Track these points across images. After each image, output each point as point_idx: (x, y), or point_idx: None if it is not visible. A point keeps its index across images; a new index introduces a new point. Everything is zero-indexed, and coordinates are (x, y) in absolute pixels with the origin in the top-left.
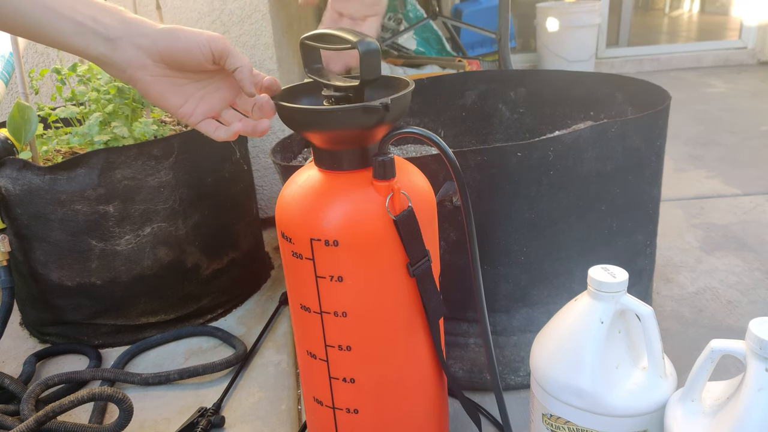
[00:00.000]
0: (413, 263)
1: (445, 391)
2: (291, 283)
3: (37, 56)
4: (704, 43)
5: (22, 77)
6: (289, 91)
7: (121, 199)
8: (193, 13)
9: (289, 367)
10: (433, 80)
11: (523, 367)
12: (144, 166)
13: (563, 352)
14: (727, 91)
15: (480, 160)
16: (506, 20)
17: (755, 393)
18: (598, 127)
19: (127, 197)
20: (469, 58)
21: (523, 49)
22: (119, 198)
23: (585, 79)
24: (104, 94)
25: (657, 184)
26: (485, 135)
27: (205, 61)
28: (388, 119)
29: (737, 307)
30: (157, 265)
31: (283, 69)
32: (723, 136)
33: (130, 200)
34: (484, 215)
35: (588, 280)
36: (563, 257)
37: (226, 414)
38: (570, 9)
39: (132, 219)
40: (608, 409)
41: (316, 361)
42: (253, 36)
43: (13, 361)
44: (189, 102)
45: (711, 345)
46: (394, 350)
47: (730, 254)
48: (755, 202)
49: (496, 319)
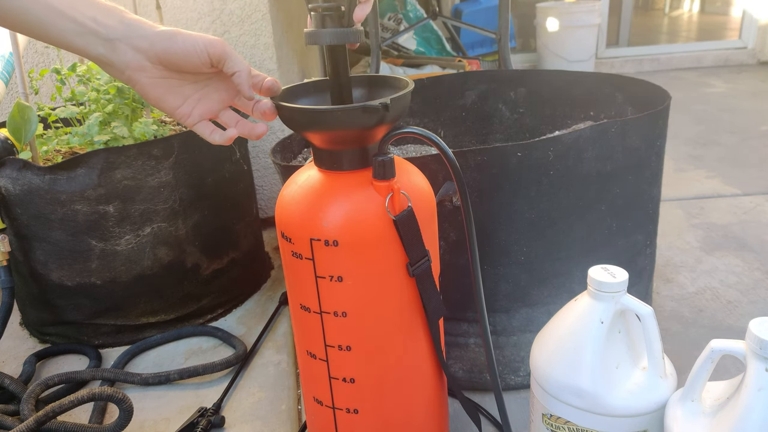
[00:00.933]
0: (413, 263)
1: (445, 391)
2: (291, 283)
3: (37, 56)
4: (704, 43)
5: (22, 77)
6: (289, 91)
7: (121, 199)
8: (193, 13)
9: (289, 367)
10: (433, 80)
11: (523, 367)
12: (144, 166)
13: (563, 352)
14: (727, 91)
15: (480, 160)
16: (506, 20)
17: (755, 393)
18: (598, 127)
19: (127, 197)
20: (469, 58)
21: (523, 49)
22: (119, 198)
23: (585, 79)
24: (104, 94)
25: (657, 184)
26: (485, 135)
27: (202, 65)
28: (388, 119)
29: (737, 307)
30: (157, 265)
31: (283, 69)
32: (723, 136)
33: (130, 200)
34: (484, 215)
35: (588, 280)
36: (563, 257)
37: (226, 414)
38: (570, 9)
39: (132, 219)
40: (608, 409)
41: (316, 361)
42: (253, 36)
43: (13, 361)
44: (186, 103)
45: (711, 345)
46: (394, 350)
47: (730, 254)
48: (755, 202)
49: (496, 319)
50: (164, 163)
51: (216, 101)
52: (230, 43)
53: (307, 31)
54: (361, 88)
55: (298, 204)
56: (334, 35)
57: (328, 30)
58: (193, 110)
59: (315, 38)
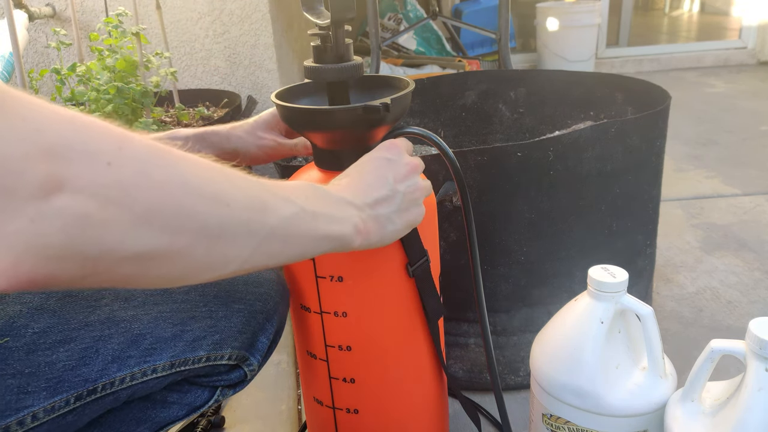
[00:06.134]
0: (412, 263)
1: (445, 391)
2: (291, 283)
3: (37, 56)
4: (704, 43)
5: (22, 77)
6: (289, 91)
7: None
8: (193, 12)
9: (289, 367)
10: (433, 80)
11: (523, 367)
12: None
13: (563, 352)
14: (727, 91)
15: (480, 160)
16: (506, 20)
17: (755, 393)
18: (598, 127)
19: None
20: (469, 58)
21: (523, 49)
22: None
23: (585, 79)
24: (104, 94)
25: (657, 184)
26: (485, 135)
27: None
28: (388, 119)
29: (737, 307)
30: None
31: (283, 69)
32: (723, 136)
33: None
34: (484, 215)
35: (588, 280)
36: (563, 257)
37: (226, 414)
38: (570, 9)
39: None
40: (608, 409)
41: (316, 361)
42: (253, 36)
43: None
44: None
45: (711, 345)
46: (394, 350)
47: (730, 254)
48: (755, 202)
49: (496, 319)
50: None
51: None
52: (230, 43)
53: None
54: (361, 88)
55: None
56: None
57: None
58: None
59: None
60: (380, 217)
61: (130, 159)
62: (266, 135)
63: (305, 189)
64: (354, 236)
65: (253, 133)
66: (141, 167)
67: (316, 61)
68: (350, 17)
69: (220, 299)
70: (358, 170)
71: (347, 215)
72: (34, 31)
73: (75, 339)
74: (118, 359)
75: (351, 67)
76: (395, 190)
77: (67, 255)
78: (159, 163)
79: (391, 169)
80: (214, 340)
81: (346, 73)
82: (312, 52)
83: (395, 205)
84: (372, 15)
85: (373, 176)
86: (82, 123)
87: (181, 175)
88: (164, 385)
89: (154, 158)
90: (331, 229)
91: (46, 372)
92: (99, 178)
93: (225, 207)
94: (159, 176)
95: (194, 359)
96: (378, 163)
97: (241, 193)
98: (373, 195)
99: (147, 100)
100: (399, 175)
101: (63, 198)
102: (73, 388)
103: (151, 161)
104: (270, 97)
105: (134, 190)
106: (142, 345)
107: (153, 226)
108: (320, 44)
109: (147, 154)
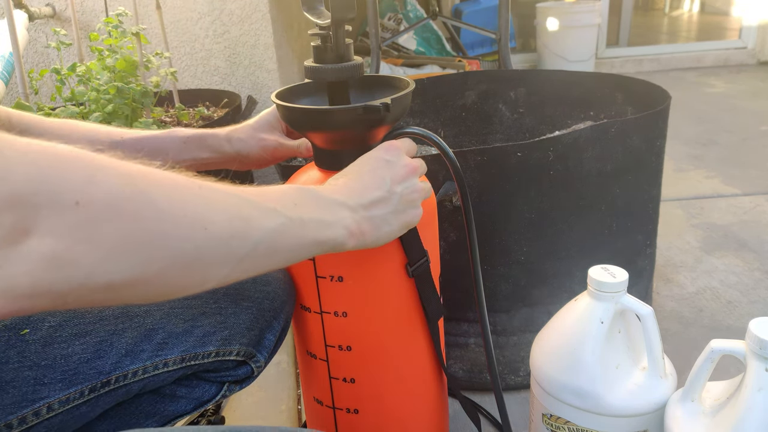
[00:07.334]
0: (412, 263)
1: (445, 391)
2: None
3: (37, 56)
4: (704, 43)
5: (22, 77)
6: (289, 91)
7: None
8: (193, 12)
9: (289, 367)
10: (433, 80)
11: (523, 367)
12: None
13: (563, 352)
14: (727, 91)
15: (480, 160)
16: (506, 20)
17: (755, 393)
18: (598, 127)
19: None
20: (469, 58)
21: (523, 49)
22: None
23: (585, 79)
24: (104, 94)
25: (657, 184)
26: (485, 135)
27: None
28: (388, 119)
29: (737, 307)
30: None
31: (283, 69)
32: (723, 136)
33: None
34: (484, 215)
35: (588, 280)
36: (563, 257)
37: (226, 414)
38: (570, 9)
39: None
40: (608, 409)
41: (316, 361)
42: (253, 36)
43: None
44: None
45: (711, 345)
46: (394, 350)
47: (730, 254)
48: (755, 202)
49: (496, 319)
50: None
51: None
52: (230, 43)
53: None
54: (361, 88)
55: None
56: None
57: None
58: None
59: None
60: (375, 218)
61: (100, 192)
62: (268, 136)
63: (294, 195)
64: (346, 238)
65: (255, 136)
66: (110, 200)
67: (316, 61)
68: (350, 17)
69: (230, 297)
70: (355, 170)
71: (339, 218)
72: (34, 31)
73: (90, 332)
74: (132, 353)
75: (351, 67)
76: (392, 191)
77: (36, 293)
78: (130, 192)
79: (389, 170)
80: (223, 336)
81: (347, 73)
82: (312, 52)
83: (391, 207)
84: (372, 15)
85: (371, 177)
86: (48, 162)
87: (152, 203)
88: (174, 379)
89: (127, 187)
90: (321, 235)
91: (61, 364)
92: (66, 221)
93: (202, 230)
94: (129, 207)
95: (204, 354)
96: (376, 164)
97: (219, 214)
98: (368, 196)
99: (147, 100)
100: (397, 177)
101: (30, 243)
102: (87, 380)
103: (123, 192)
104: (270, 97)
105: (103, 225)
106: (154, 339)
107: (123, 258)
108: (320, 44)
109: (118, 184)
